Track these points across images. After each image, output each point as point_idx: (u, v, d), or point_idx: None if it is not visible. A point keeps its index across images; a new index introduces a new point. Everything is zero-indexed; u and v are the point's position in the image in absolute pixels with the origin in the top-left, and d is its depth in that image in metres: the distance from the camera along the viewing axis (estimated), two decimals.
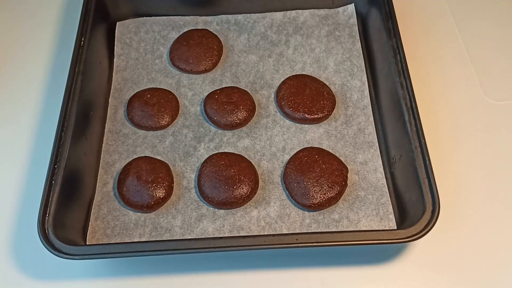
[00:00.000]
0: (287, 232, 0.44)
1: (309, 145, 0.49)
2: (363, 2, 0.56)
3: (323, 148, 0.48)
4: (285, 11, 0.57)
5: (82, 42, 0.52)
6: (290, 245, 0.40)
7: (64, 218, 0.43)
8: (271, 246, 0.40)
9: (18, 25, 0.61)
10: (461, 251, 0.44)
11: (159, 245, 0.41)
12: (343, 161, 0.47)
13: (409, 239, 0.40)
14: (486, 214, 0.46)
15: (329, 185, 0.45)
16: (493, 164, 0.49)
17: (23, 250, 0.46)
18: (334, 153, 0.48)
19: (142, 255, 0.40)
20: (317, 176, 0.46)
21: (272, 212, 0.45)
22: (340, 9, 0.57)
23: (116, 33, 0.57)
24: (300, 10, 0.57)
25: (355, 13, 0.56)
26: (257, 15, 0.58)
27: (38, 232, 0.41)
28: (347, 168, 0.47)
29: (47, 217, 0.42)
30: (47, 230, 0.42)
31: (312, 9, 0.57)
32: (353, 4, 0.57)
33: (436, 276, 0.43)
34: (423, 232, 0.40)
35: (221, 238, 0.41)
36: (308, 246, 0.40)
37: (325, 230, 0.44)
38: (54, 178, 0.44)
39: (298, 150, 0.48)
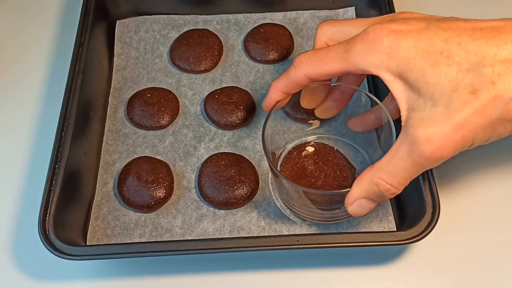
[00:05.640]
0: (287, 233, 0.44)
1: None
2: (363, 4, 0.56)
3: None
4: (286, 12, 0.57)
5: (82, 41, 0.51)
6: (291, 247, 0.40)
7: (65, 218, 0.43)
8: (272, 248, 0.40)
9: (17, 24, 0.61)
10: (461, 253, 0.45)
11: (160, 246, 0.41)
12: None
13: (409, 240, 0.40)
14: (487, 215, 0.46)
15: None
16: (494, 165, 0.49)
17: (23, 251, 0.46)
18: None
19: (144, 256, 0.40)
20: None
21: (273, 212, 0.46)
22: (340, 11, 0.57)
23: (116, 32, 0.56)
24: (301, 11, 0.57)
25: (355, 16, 0.56)
26: (257, 15, 0.58)
27: (39, 233, 0.41)
28: (354, 168, 0.47)
29: (47, 218, 0.42)
30: (48, 231, 0.41)
31: (312, 10, 0.57)
32: (353, 7, 0.57)
33: (436, 278, 0.44)
34: (423, 234, 0.40)
35: (222, 239, 0.41)
36: (309, 248, 0.40)
37: (325, 232, 0.44)
38: (55, 178, 0.44)
39: None
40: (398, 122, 0.38)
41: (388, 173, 0.36)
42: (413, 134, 0.35)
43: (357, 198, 0.38)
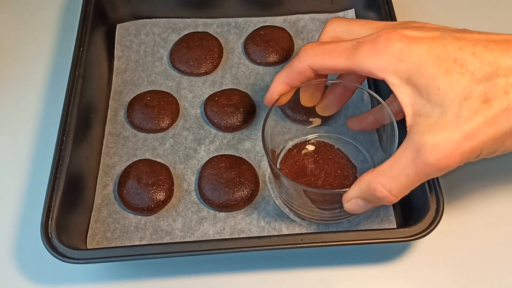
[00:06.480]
0: (287, 231, 0.44)
1: None
2: (362, 6, 0.56)
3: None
4: (286, 15, 0.58)
5: (81, 46, 0.51)
6: (295, 246, 0.40)
7: (67, 222, 0.43)
8: (276, 247, 0.40)
9: (17, 30, 0.61)
10: (465, 251, 0.44)
11: (163, 248, 0.40)
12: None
13: (414, 237, 0.40)
14: (491, 213, 0.46)
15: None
16: (498, 165, 0.49)
17: (26, 255, 0.46)
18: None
19: (148, 258, 0.40)
20: None
21: (272, 211, 0.45)
22: (340, 14, 0.57)
23: (116, 36, 0.56)
24: (301, 15, 0.57)
25: (355, 18, 0.57)
26: (257, 19, 0.58)
27: (42, 237, 0.41)
28: (355, 166, 0.46)
29: (50, 222, 0.42)
30: (51, 235, 0.41)
31: (312, 14, 0.57)
32: (353, 9, 0.57)
33: (437, 277, 0.44)
34: (428, 230, 0.40)
35: (224, 239, 0.41)
36: (314, 246, 0.40)
37: (326, 230, 0.44)
38: (57, 183, 0.43)
39: None
40: (399, 123, 0.38)
41: (389, 179, 0.35)
42: (419, 141, 0.34)
43: (354, 197, 0.38)
